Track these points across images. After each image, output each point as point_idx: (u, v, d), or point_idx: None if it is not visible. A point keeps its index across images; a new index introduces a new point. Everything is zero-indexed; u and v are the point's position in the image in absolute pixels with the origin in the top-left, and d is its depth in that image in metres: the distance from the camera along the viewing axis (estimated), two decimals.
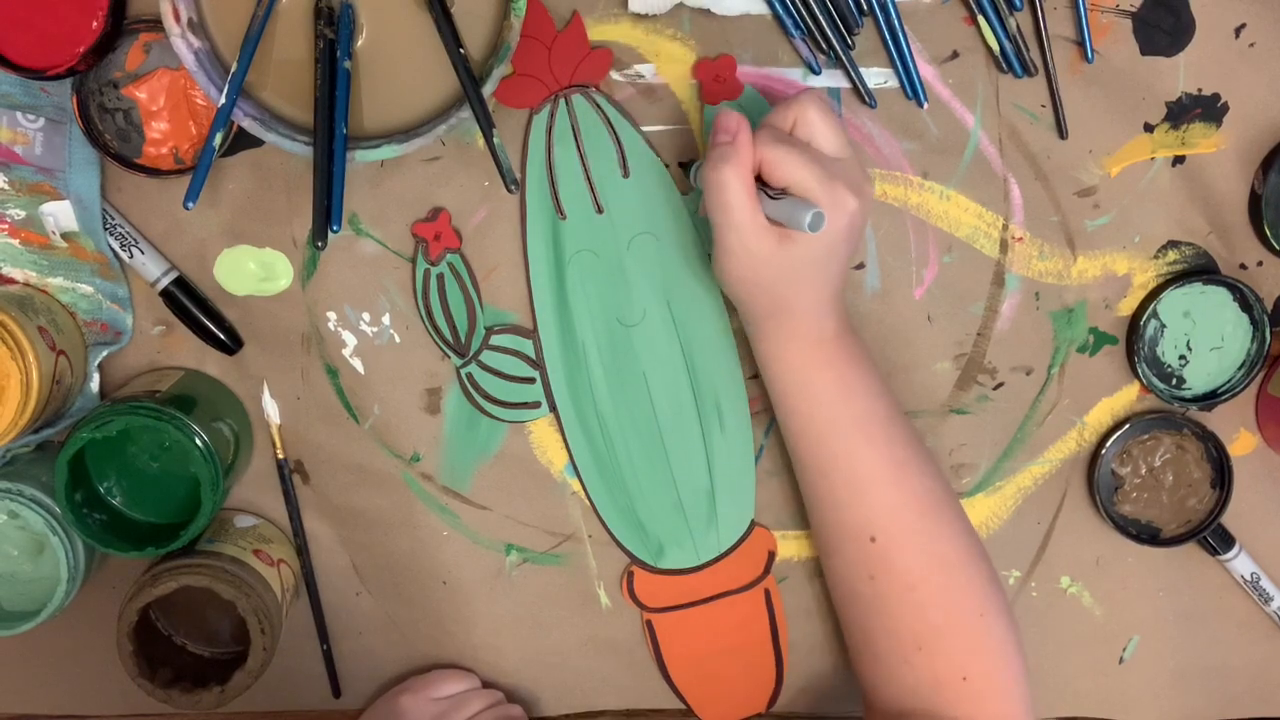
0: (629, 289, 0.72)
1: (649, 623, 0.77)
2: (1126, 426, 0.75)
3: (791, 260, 0.63)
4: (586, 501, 0.75)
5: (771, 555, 0.76)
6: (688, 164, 0.71)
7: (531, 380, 0.73)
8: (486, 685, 0.77)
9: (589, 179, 0.71)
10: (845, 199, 0.62)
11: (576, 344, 0.73)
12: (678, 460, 0.74)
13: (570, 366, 0.73)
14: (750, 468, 0.75)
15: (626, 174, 0.71)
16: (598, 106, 0.70)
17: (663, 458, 0.74)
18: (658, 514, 0.75)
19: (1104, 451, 0.75)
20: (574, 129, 0.70)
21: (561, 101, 0.70)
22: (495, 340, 0.73)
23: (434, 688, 0.74)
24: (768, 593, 0.77)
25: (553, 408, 0.74)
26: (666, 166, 0.71)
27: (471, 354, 0.73)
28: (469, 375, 0.73)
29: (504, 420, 0.74)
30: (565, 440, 0.74)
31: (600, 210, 0.71)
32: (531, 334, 0.73)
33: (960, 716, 0.67)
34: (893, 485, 0.67)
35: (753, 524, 0.76)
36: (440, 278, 0.72)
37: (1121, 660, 0.79)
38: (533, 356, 0.73)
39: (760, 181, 0.63)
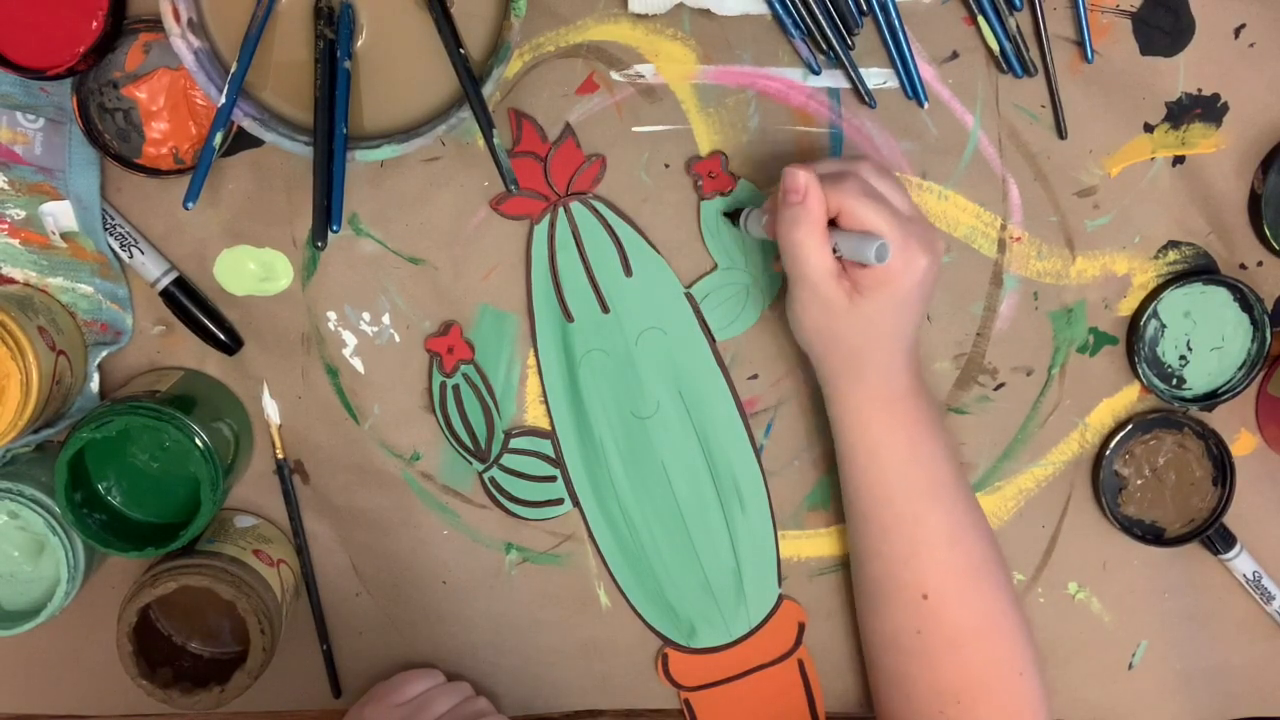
0: (640, 383, 0.73)
1: (687, 701, 0.78)
2: (1129, 427, 0.75)
3: (865, 313, 0.64)
4: (614, 585, 0.76)
5: (802, 627, 0.77)
6: (734, 213, 0.71)
7: (553, 479, 0.75)
8: (453, 678, 0.76)
9: (593, 281, 0.72)
10: (916, 255, 0.63)
11: (594, 440, 0.74)
12: (702, 543, 0.75)
13: (590, 462, 0.74)
14: (771, 543, 0.76)
15: (629, 273, 0.72)
16: (595, 211, 0.71)
17: (687, 541, 0.75)
18: (687, 596, 0.76)
19: (1107, 453, 0.75)
20: (574, 234, 0.72)
21: (560, 210, 0.71)
22: (514, 443, 0.74)
23: (396, 693, 0.73)
24: (801, 663, 0.78)
25: (576, 503, 0.75)
26: (667, 262, 0.72)
27: (493, 459, 0.74)
28: (491, 479, 0.74)
29: (529, 519, 0.75)
30: (590, 533, 0.75)
31: (606, 310, 0.73)
32: (549, 434, 0.74)
33: None
34: (950, 546, 0.68)
35: (780, 598, 0.77)
36: (456, 389, 0.73)
37: (1131, 666, 0.79)
38: (552, 456, 0.74)
39: (833, 224, 0.64)
